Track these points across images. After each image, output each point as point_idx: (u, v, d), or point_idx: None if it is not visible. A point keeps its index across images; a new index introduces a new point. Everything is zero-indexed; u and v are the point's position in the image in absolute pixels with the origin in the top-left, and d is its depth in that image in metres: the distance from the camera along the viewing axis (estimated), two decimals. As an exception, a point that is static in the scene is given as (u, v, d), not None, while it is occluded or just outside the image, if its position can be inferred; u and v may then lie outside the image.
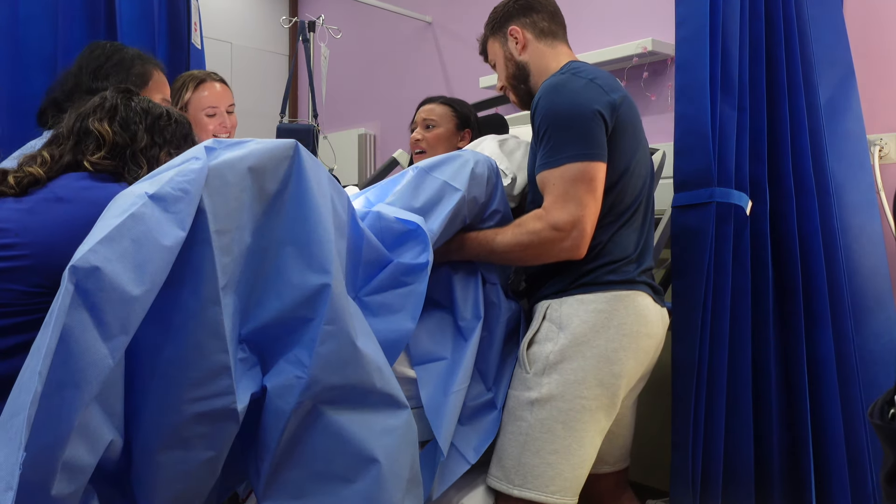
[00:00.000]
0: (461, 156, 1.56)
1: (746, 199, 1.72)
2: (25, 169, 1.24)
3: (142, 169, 1.27)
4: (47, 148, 1.29)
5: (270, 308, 1.13)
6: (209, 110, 2.02)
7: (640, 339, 1.51)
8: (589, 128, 1.47)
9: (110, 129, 1.27)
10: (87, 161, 1.25)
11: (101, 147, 1.27)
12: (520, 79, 1.70)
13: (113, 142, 1.27)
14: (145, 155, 1.29)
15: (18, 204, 1.20)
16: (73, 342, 0.88)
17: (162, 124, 1.33)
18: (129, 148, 1.28)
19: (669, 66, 2.59)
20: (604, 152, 1.48)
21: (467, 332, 1.49)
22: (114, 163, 1.27)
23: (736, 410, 1.70)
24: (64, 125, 1.31)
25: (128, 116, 1.30)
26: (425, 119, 2.06)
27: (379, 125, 3.79)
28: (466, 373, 1.45)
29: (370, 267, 1.35)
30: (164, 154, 1.32)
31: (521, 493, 1.45)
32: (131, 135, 1.28)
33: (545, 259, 1.52)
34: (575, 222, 1.45)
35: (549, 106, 1.50)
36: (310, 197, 1.16)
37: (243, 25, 4.05)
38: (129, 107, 1.31)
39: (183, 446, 1.04)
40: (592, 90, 1.50)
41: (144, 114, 1.32)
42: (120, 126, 1.29)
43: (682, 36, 1.74)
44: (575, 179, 1.45)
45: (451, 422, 1.39)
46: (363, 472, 1.13)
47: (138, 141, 1.29)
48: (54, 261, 1.11)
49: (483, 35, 1.78)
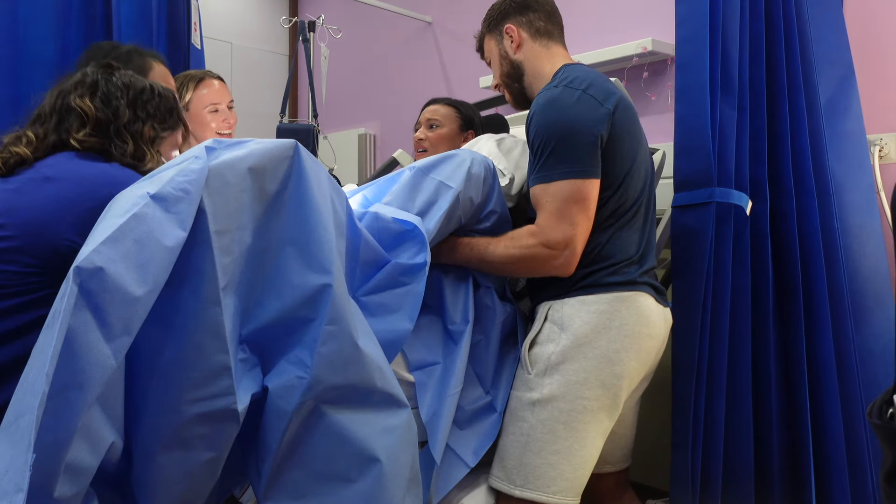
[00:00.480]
0: (457, 155, 1.56)
1: (746, 199, 1.72)
2: (11, 149, 1.23)
3: (127, 144, 1.26)
4: (31, 127, 1.28)
5: (271, 308, 1.13)
6: (212, 107, 2.03)
7: (642, 339, 1.51)
8: (582, 146, 1.47)
9: (92, 104, 1.25)
10: (73, 139, 1.24)
11: (85, 124, 1.25)
12: (514, 77, 1.70)
13: (96, 118, 1.25)
14: (129, 130, 1.27)
15: (5, 184, 1.20)
16: (76, 343, 0.89)
17: (145, 98, 1.31)
18: (112, 124, 1.26)
19: (669, 66, 2.59)
20: (597, 169, 1.49)
21: (457, 335, 1.50)
22: (100, 140, 1.25)
23: (736, 410, 1.70)
24: (45, 103, 1.30)
25: (109, 91, 1.28)
26: (429, 119, 2.06)
27: (379, 125, 3.79)
28: (459, 377, 1.45)
29: (368, 267, 1.35)
30: (148, 128, 1.30)
31: (523, 494, 1.45)
32: (113, 110, 1.26)
33: (534, 274, 1.54)
34: (567, 241, 1.47)
35: (543, 122, 1.50)
36: (310, 197, 1.16)
37: (243, 25, 4.05)
38: (111, 81, 1.29)
39: (183, 447, 1.04)
40: (586, 104, 1.50)
41: (126, 88, 1.30)
42: (101, 101, 1.27)
43: (682, 36, 1.74)
44: (567, 199, 1.47)
45: (444, 429, 1.40)
46: (365, 471, 1.13)
47: (121, 116, 1.27)
48: (43, 240, 1.11)
49: (480, 32, 1.78)
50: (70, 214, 1.11)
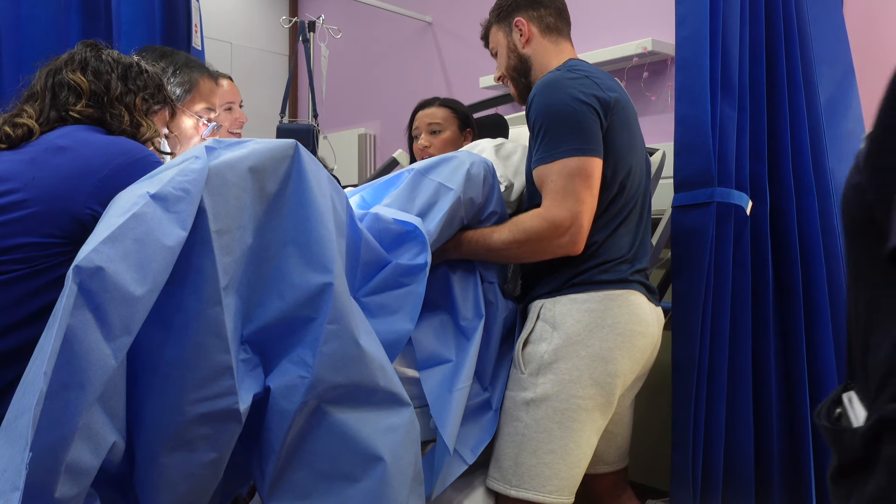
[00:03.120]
0: (456, 157, 1.56)
1: (746, 199, 1.72)
2: (17, 121, 1.24)
3: (123, 115, 1.28)
4: (27, 104, 1.29)
5: (272, 308, 1.13)
6: (226, 105, 2.03)
7: (635, 337, 1.50)
8: (584, 123, 1.47)
9: (84, 78, 1.28)
10: (72, 112, 1.26)
11: (81, 97, 1.27)
12: (520, 72, 1.70)
13: (90, 90, 1.27)
14: (122, 102, 1.30)
15: (18, 155, 1.20)
16: (76, 343, 0.88)
17: (134, 73, 1.34)
18: (105, 96, 1.28)
19: (669, 66, 2.59)
20: (600, 148, 1.48)
21: (469, 331, 1.49)
22: (97, 111, 1.27)
23: (736, 410, 1.70)
24: (36, 83, 1.31)
25: (99, 67, 1.30)
26: (429, 124, 2.05)
27: (379, 125, 3.79)
28: (469, 371, 1.45)
29: (368, 268, 1.35)
30: (140, 100, 1.32)
31: (519, 494, 1.45)
32: (105, 83, 1.29)
33: (542, 256, 1.51)
34: (573, 218, 1.45)
35: (544, 102, 1.50)
36: (310, 197, 1.16)
37: (243, 25, 4.04)
38: (100, 58, 1.32)
39: (186, 448, 1.04)
40: (587, 86, 1.50)
41: (115, 63, 1.32)
42: (93, 76, 1.29)
43: (682, 36, 1.74)
44: (572, 175, 1.45)
45: (456, 419, 1.39)
46: (369, 470, 1.13)
47: (113, 89, 1.29)
48: (64, 209, 1.12)
49: (487, 21, 1.77)
50: (88, 184, 1.12)
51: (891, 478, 0.63)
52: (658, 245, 1.87)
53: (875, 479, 0.64)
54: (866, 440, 0.66)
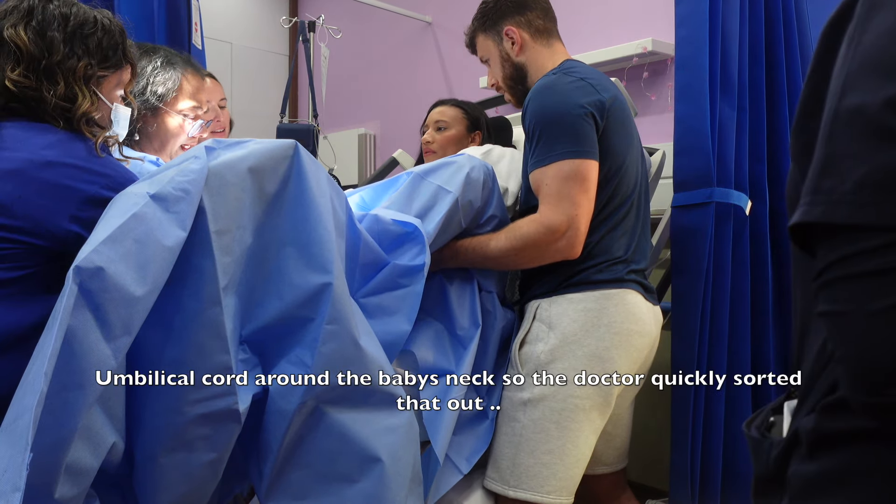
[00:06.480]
0: (455, 161, 1.56)
1: (746, 199, 1.72)
2: None
3: (58, 85, 1.13)
4: None
5: (271, 308, 1.13)
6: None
7: (632, 337, 1.50)
8: (580, 126, 1.46)
9: (25, 36, 1.12)
10: (7, 81, 1.11)
11: (21, 61, 1.12)
12: (517, 80, 1.68)
13: (30, 53, 1.12)
14: (61, 68, 1.13)
15: None
16: (76, 343, 0.88)
17: (86, 32, 1.17)
18: (43, 61, 1.12)
19: (669, 66, 2.59)
20: (595, 150, 1.48)
21: (466, 340, 1.49)
22: (31, 82, 1.12)
23: (736, 410, 1.70)
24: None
25: (45, 20, 1.14)
26: (437, 121, 2.07)
27: (379, 125, 3.79)
28: (463, 381, 1.45)
29: (367, 268, 1.35)
30: (83, 65, 1.16)
31: (517, 494, 1.45)
32: (47, 44, 1.13)
33: (540, 261, 1.51)
34: (569, 222, 1.45)
35: (539, 106, 1.50)
36: (310, 197, 1.16)
37: (243, 25, 4.04)
38: (48, 10, 1.15)
39: (185, 448, 1.04)
40: (582, 88, 1.50)
41: (64, 19, 1.15)
42: (35, 33, 1.13)
43: (682, 36, 1.74)
44: (567, 178, 1.45)
45: (448, 429, 1.39)
46: (367, 471, 1.13)
47: (54, 52, 1.13)
48: None
49: (471, 28, 1.72)
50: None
51: (791, 501, 0.56)
52: (658, 245, 1.87)
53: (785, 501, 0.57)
54: (778, 455, 0.60)
